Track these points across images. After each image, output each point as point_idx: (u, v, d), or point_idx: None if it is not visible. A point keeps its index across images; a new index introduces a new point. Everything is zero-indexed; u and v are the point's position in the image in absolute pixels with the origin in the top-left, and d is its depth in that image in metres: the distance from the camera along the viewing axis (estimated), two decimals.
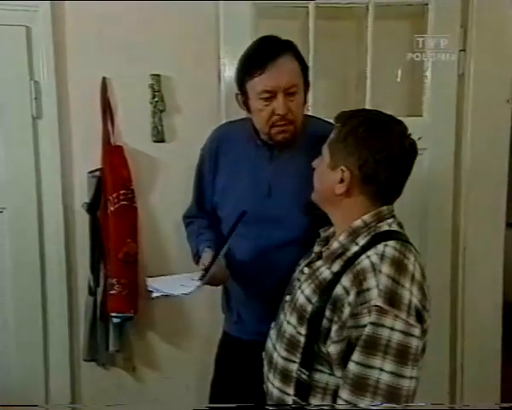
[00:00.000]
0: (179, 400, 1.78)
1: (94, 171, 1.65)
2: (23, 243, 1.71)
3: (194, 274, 1.21)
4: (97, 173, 1.64)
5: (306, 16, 1.64)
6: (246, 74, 1.20)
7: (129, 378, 1.79)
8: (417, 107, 1.73)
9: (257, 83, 1.17)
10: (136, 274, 1.65)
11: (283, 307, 1.08)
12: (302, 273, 1.07)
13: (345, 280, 0.92)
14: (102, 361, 1.74)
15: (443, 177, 1.74)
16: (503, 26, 1.67)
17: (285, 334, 1.02)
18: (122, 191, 1.61)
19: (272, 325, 1.12)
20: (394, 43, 1.75)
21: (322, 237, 1.10)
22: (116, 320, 1.64)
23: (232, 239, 1.15)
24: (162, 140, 1.67)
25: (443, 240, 1.76)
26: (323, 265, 1.01)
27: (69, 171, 1.69)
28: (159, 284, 1.20)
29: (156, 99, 1.64)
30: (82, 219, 1.68)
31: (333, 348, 0.91)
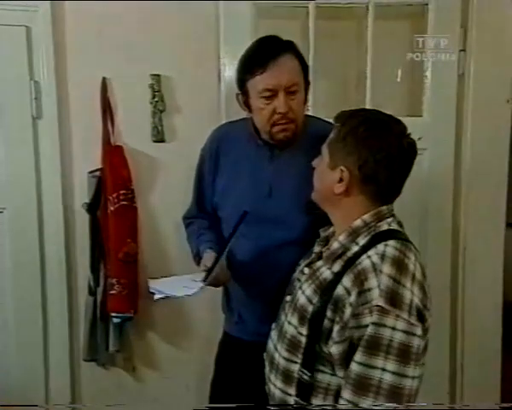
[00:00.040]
0: (179, 400, 1.78)
1: (94, 171, 1.65)
2: (23, 243, 1.71)
3: (195, 275, 1.21)
4: (97, 173, 1.64)
5: (306, 16, 1.64)
6: (247, 73, 1.20)
7: (129, 378, 1.79)
8: (417, 107, 1.73)
9: (258, 81, 1.17)
10: (136, 274, 1.65)
11: (284, 308, 1.08)
12: (302, 274, 1.07)
13: (346, 280, 0.92)
14: (102, 361, 1.74)
15: (443, 177, 1.74)
16: (503, 26, 1.67)
17: (286, 334, 1.02)
18: (122, 191, 1.61)
19: (273, 326, 1.12)
20: (394, 43, 1.75)
21: (322, 237, 1.10)
22: (116, 320, 1.64)
23: (233, 240, 1.15)
24: (162, 140, 1.67)
25: (443, 240, 1.76)
26: (324, 265, 1.01)
27: (69, 171, 1.69)
28: (161, 286, 1.20)
29: (156, 99, 1.64)
30: (82, 219, 1.68)
31: (335, 349, 0.90)
